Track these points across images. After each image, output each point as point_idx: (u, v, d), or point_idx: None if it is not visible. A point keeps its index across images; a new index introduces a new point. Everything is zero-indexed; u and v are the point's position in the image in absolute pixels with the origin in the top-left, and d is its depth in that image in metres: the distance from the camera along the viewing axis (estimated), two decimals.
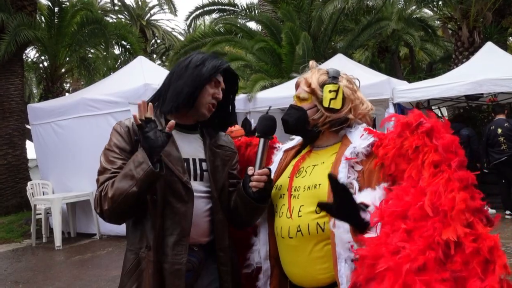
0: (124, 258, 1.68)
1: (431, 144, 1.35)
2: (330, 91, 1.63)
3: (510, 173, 7.39)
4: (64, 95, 13.06)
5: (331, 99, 1.62)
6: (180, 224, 1.63)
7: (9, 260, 6.71)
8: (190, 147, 1.75)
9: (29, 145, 10.88)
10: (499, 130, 7.30)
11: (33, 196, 8.01)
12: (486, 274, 1.12)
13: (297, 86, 1.76)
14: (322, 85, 1.65)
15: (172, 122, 1.57)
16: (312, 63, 1.77)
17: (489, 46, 8.95)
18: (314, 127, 1.67)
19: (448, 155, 1.32)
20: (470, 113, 10.23)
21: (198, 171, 1.73)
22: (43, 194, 8.22)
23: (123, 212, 1.60)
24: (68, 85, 23.00)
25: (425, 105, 9.25)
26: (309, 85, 1.67)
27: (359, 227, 1.35)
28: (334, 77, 1.67)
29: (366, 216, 1.35)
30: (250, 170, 1.63)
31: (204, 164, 1.75)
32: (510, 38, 18.10)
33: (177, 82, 1.71)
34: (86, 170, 7.29)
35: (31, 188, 8.22)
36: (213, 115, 1.78)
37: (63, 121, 7.85)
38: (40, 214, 7.77)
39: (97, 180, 1.63)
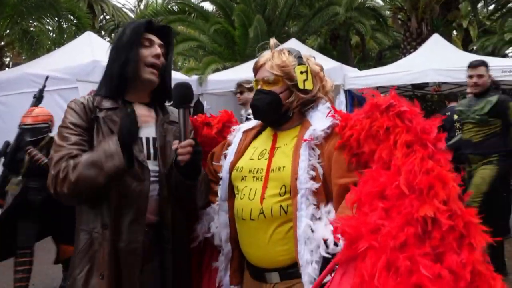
0: (76, 238, 1.62)
1: (403, 125, 1.35)
2: (301, 72, 1.58)
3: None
4: (4, 69, 12.33)
5: (304, 80, 1.58)
6: (136, 203, 1.59)
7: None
8: (146, 126, 1.71)
9: None
10: (455, 117, 7.57)
11: None
12: (461, 248, 1.15)
13: (257, 69, 1.67)
14: (293, 67, 1.60)
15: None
16: (273, 42, 1.69)
17: (436, 38, 9.29)
18: (287, 110, 1.63)
19: (423, 135, 1.32)
20: (414, 101, 10.67)
21: (152, 150, 1.69)
22: None
23: (82, 196, 1.56)
24: (8, 59, 21.68)
25: None
26: (281, 67, 1.60)
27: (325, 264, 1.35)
28: (299, 57, 1.63)
29: (329, 250, 1.35)
30: (174, 145, 1.57)
31: (157, 143, 1.70)
32: (454, 31, 18.95)
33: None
34: None
35: None
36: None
37: (4, 96, 7.39)
38: None
39: (51, 158, 1.57)
